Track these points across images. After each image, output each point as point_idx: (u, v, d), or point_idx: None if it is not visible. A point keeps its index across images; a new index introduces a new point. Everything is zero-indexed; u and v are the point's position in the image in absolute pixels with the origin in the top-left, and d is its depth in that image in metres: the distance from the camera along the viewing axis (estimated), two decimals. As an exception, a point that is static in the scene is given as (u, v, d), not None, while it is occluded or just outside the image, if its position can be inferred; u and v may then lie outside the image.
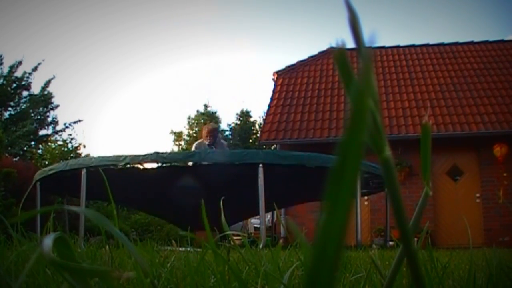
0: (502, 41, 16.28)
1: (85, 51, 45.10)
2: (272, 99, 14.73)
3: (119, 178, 7.28)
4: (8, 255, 1.46)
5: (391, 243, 8.01)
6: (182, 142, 29.77)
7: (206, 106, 29.74)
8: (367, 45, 0.31)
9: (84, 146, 21.73)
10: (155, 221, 15.44)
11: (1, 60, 20.56)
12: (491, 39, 16.47)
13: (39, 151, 20.05)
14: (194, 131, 29.30)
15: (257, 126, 29.55)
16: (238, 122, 30.11)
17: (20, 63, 20.87)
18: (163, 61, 51.04)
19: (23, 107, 20.93)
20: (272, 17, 48.31)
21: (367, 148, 0.28)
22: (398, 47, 16.67)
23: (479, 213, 12.37)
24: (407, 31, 46.53)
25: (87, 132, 47.70)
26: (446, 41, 16.77)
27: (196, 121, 29.79)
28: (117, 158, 6.84)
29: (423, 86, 14.33)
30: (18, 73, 20.87)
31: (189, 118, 30.41)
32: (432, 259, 1.07)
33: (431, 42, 16.76)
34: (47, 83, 21.59)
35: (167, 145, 36.05)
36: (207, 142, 8.47)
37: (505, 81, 13.96)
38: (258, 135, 25.22)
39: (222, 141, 9.11)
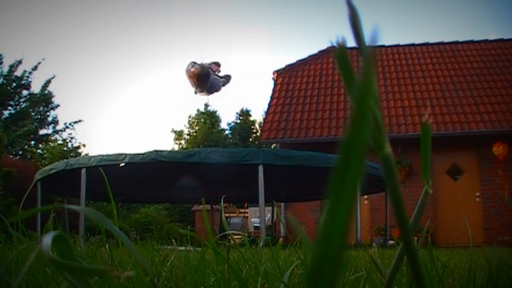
0: (502, 40, 16.25)
1: (85, 51, 45.08)
2: (272, 98, 14.72)
3: (119, 175, 7.28)
4: (8, 254, 1.46)
5: (391, 242, 8.02)
6: (183, 141, 29.82)
7: (206, 105, 29.78)
8: (368, 43, 0.31)
9: (84, 146, 21.76)
10: (155, 220, 15.43)
11: (1, 59, 20.53)
12: (490, 38, 16.46)
13: (39, 150, 20.06)
14: (194, 130, 29.38)
15: (257, 125, 29.60)
16: (238, 121, 30.16)
17: (20, 62, 20.83)
18: (164, 60, 51.06)
19: (23, 106, 20.89)
20: (272, 16, 48.32)
21: (368, 147, 0.28)
22: (398, 46, 16.65)
23: (479, 212, 12.37)
24: (407, 30, 46.55)
25: (87, 131, 47.78)
26: (446, 40, 16.77)
27: (196, 120, 29.87)
28: (117, 156, 6.86)
29: (423, 85, 14.32)
30: (18, 72, 20.84)
31: (189, 117, 30.48)
32: (432, 258, 1.07)
33: (431, 41, 16.75)
34: (47, 82, 21.56)
35: (168, 144, 36.07)
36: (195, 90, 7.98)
37: (505, 80, 13.95)
38: (258, 134, 25.22)
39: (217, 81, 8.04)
